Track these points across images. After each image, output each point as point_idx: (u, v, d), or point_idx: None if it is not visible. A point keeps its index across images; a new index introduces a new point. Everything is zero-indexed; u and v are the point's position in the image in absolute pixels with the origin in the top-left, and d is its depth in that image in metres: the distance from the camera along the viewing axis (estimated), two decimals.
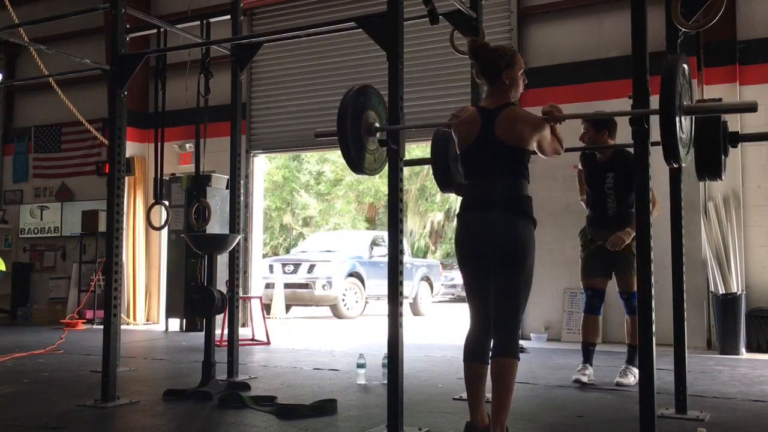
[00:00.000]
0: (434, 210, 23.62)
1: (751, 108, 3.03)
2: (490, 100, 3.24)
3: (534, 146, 3.17)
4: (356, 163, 3.54)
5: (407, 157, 3.96)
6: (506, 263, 3.07)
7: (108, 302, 4.43)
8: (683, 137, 3.10)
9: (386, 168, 3.67)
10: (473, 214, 3.19)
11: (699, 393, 4.55)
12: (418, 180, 22.73)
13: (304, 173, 23.51)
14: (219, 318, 6.10)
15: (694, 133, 3.43)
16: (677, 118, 2.93)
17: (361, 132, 3.53)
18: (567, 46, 8.22)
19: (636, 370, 4.78)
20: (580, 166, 5.30)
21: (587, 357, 5.13)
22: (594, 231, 5.13)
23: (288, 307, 12.18)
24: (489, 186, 3.13)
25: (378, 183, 21.40)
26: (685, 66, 3.10)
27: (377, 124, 3.61)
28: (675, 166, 3.28)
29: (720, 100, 3.65)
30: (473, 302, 3.23)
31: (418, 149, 14.56)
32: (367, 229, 22.68)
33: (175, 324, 9.41)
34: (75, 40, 10.76)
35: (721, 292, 6.93)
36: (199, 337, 7.06)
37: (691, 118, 3.26)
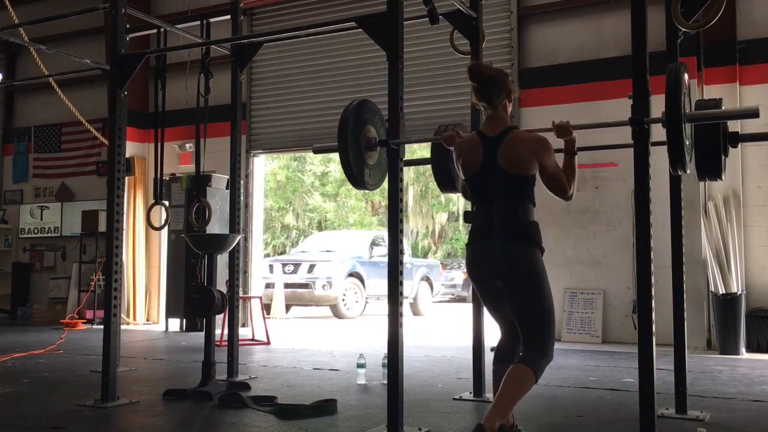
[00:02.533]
0: (438, 210, 23.58)
1: (753, 114, 3.03)
2: (491, 125, 3.19)
3: (536, 170, 3.09)
4: (358, 178, 3.56)
5: (411, 157, 3.97)
6: (516, 293, 3.09)
7: (108, 302, 4.43)
8: (686, 143, 3.11)
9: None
10: (477, 246, 3.19)
11: (699, 393, 4.56)
12: (421, 181, 22.69)
13: (307, 174, 23.44)
14: (219, 318, 6.10)
15: (694, 134, 3.43)
16: (683, 128, 2.95)
17: (361, 147, 3.54)
18: (567, 46, 8.22)
19: None
20: None
21: None
22: None
23: (288, 307, 12.18)
24: (490, 215, 3.14)
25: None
26: (686, 74, 3.13)
27: (376, 138, 3.61)
28: (680, 173, 3.29)
29: (720, 100, 3.64)
30: (495, 318, 3.30)
31: (420, 150, 14.55)
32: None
33: (175, 324, 9.41)
34: (75, 40, 10.75)
35: (721, 292, 6.93)
36: (199, 337, 7.06)
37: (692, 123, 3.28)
